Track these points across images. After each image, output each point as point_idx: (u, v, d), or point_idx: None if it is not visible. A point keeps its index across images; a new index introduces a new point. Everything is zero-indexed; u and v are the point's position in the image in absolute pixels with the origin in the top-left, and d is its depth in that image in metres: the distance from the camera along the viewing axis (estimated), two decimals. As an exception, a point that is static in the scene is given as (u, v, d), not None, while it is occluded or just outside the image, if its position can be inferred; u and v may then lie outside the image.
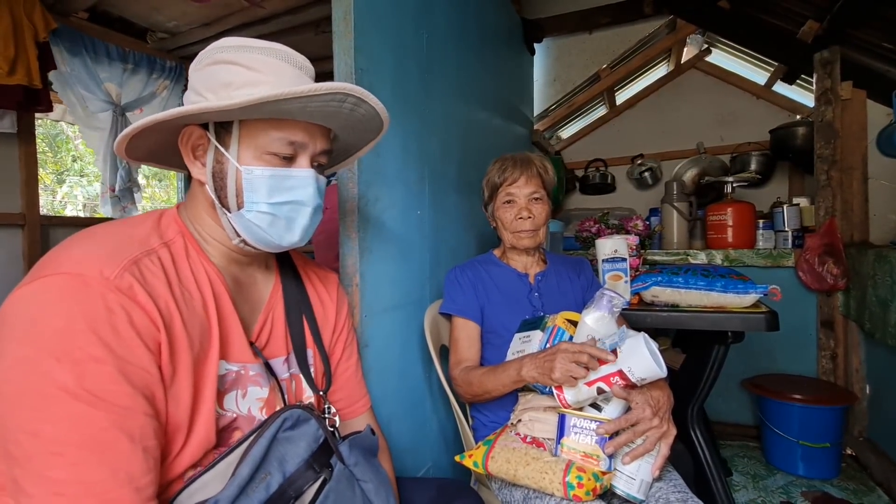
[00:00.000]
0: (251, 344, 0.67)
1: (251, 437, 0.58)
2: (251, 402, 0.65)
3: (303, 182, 0.63)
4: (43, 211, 2.27)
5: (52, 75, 2.17)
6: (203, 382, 0.57)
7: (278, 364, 0.71)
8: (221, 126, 0.62)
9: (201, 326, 0.58)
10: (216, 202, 0.63)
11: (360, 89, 0.62)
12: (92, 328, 0.46)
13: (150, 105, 2.65)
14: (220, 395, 0.62)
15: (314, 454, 0.61)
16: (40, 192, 2.30)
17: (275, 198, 0.61)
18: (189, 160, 0.65)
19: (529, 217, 1.16)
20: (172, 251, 0.59)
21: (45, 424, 0.43)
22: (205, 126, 0.63)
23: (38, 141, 2.29)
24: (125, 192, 2.60)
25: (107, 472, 0.44)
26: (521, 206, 1.17)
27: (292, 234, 0.64)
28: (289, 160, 0.63)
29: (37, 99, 2.02)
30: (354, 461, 0.66)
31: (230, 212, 0.62)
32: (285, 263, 0.79)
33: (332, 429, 0.72)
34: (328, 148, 0.68)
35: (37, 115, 2.29)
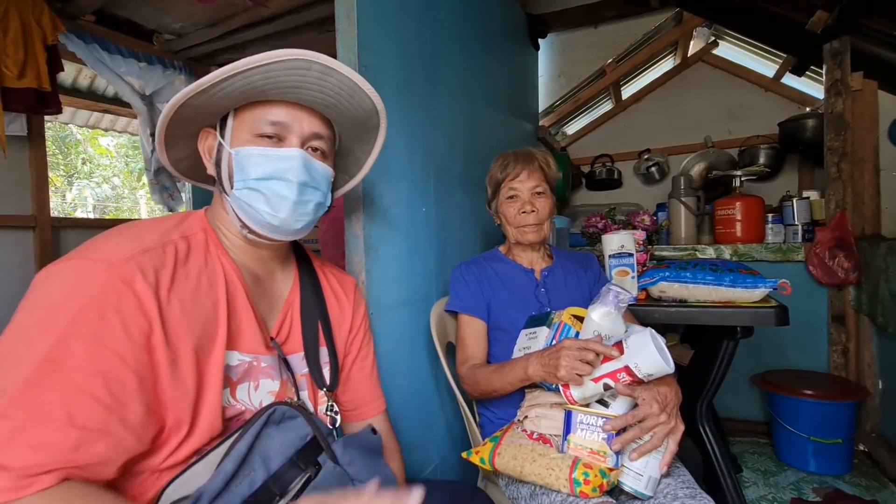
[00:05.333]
0: (271, 339, 0.69)
1: (238, 432, 0.60)
2: (263, 394, 0.67)
3: (287, 159, 0.64)
4: (54, 213, 2.30)
5: (92, 65, 2.25)
6: (207, 369, 0.59)
7: (297, 359, 0.73)
8: (224, 121, 0.67)
9: (206, 316, 0.59)
10: (220, 191, 0.68)
11: (325, 56, 0.61)
12: (82, 307, 0.49)
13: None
14: (233, 385, 0.63)
15: (300, 452, 0.61)
16: (51, 193, 2.33)
17: (259, 174, 0.63)
18: (206, 160, 0.69)
19: (533, 211, 1.15)
20: (191, 244, 0.62)
21: (14, 386, 0.46)
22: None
23: (47, 143, 2.32)
24: (163, 175, 2.62)
25: (32, 446, 0.45)
26: (524, 201, 1.16)
27: (280, 212, 0.64)
28: (278, 142, 0.65)
29: (46, 101, 2.05)
30: (349, 460, 0.65)
31: (228, 196, 0.66)
32: (304, 264, 0.81)
33: (331, 427, 0.72)
34: (320, 132, 0.68)
35: (46, 117, 2.32)
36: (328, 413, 0.74)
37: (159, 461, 0.55)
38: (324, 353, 0.76)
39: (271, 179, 0.63)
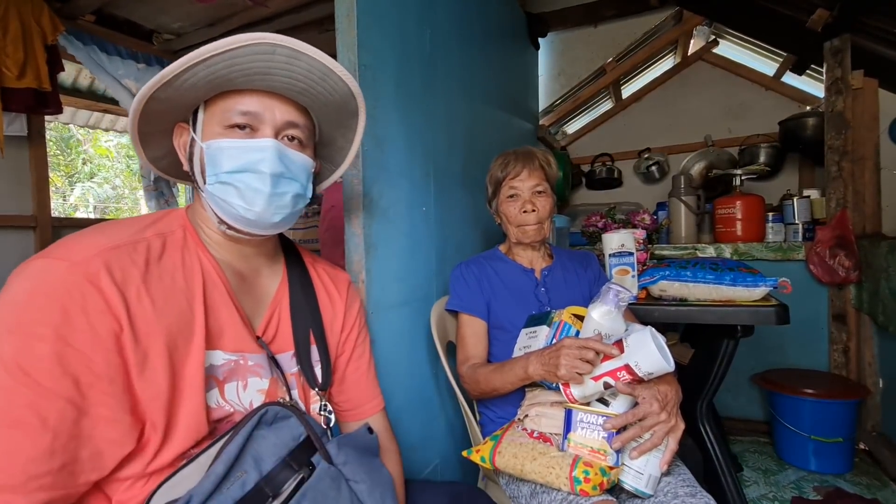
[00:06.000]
0: (258, 338, 0.67)
1: (229, 434, 0.58)
2: (252, 394, 0.65)
3: (259, 150, 0.61)
4: (54, 213, 2.30)
5: (90, 68, 2.23)
6: (183, 370, 0.57)
7: (286, 358, 0.71)
8: (196, 115, 0.64)
9: (180, 316, 0.57)
10: (195, 186, 0.65)
11: (290, 39, 0.58)
12: (45, 307, 0.48)
13: None
14: (221, 384, 0.62)
15: (292, 452, 0.60)
16: (52, 193, 2.33)
17: (230, 166, 0.60)
18: (182, 156, 0.67)
19: (534, 210, 1.15)
20: (167, 241, 0.61)
21: None
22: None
23: (48, 143, 2.32)
24: (162, 182, 2.62)
25: (6, 448, 0.44)
26: (524, 200, 1.16)
27: (255, 205, 0.61)
28: (251, 133, 0.62)
29: (46, 101, 2.05)
30: (344, 460, 0.63)
31: (203, 191, 0.64)
32: (293, 261, 0.78)
33: (325, 427, 0.71)
34: (294, 120, 0.65)
35: (46, 117, 2.33)
36: (321, 412, 0.73)
37: (143, 465, 0.54)
38: (314, 351, 0.75)
39: (243, 172, 0.61)
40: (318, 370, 0.74)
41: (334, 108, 0.70)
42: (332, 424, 0.73)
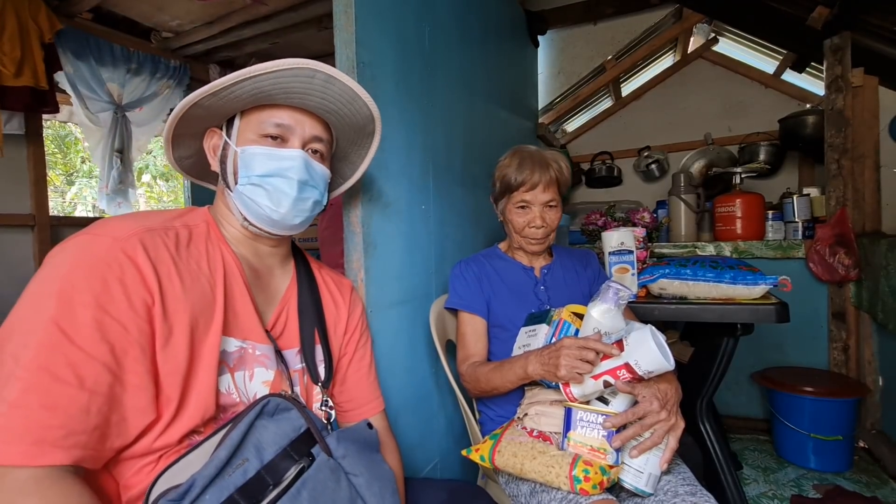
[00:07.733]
0: (266, 332, 0.71)
1: (232, 422, 0.61)
2: (258, 385, 0.68)
3: (289, 159, 0.69)
4: (53, 212, 2.29)
5: (56, 74, 2.19)
6: (201, 349, 0.61)
7: (291, 355, 0.75)
8: (230, 122, 0.71)
9: (203, 298, 0.62)
10: (224, 186, 0.72)
11: (328, 66, 0.67)
12: (87, 277, 0.52)
13: (150, 104, 2.66)
14: (231, 371, 0.66)
15: (293, 442, 0.62)
16: (50, 192, 2.32)
17: (262, 171, 0.67)
18: (211, 157, 0.74)
19: (542, 226, 1.14)
20: (193, 232, 0.66)
21: (25, 350, 0.48)
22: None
23: (46, 142, 2.30)
24: (119, 192, 2.64)
25: (45, 405, 0.47)
26: (535, 215, 1.14)
27: (281, 206, 0.68)
28: (281, 143, 0.70)
29: (44, 100, 2.04)
30: (343, 453, 0.65)
31: (232, 191, 0.70)
32: (302, 265, 0.83)
33: (325, 422, 0.74)
34: (320, 135, 0.73)
35: (44, 116, 2.32)
36: (323, 408, 0.76)
37: (152, 439, 0.57)
38: (318, 350, 0.78)
39: (274, 176, 0.67)
40: (321, 369, 0.77)
41: (355, 128, 0.79)
42: (332, 420, 0.76)
